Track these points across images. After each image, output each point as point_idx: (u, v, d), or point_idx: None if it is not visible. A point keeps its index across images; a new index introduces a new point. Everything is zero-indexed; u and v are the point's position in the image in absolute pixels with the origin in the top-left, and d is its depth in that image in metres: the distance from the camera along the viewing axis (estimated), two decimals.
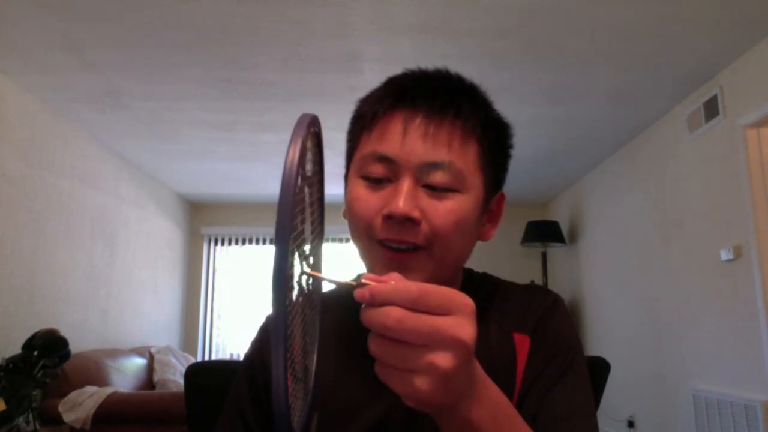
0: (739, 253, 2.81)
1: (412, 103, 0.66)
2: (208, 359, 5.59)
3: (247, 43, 2.68)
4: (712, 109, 3.02)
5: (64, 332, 2.71)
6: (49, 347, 2.57)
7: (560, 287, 5.32)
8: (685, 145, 3.33)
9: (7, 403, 2.35)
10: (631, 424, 3.96)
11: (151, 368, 4.12)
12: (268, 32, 2.58)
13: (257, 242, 5.94)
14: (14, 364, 2.47)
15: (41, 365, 2.52)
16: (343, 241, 5.69)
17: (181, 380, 3.99)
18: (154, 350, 4.31)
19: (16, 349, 2.58)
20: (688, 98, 3.27)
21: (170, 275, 5.37)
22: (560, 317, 0.73)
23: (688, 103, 3.27)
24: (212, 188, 5.39)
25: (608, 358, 1.01)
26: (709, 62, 2.88)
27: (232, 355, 5.84)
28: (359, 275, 0.46)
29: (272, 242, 0.39)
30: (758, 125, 2.75)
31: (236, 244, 5.98)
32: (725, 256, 2.90)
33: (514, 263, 5.62)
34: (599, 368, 0.93)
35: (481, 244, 0.73)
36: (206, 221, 5.94)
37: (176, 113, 3.55)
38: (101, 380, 3.32)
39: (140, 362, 4.02)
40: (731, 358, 2.90)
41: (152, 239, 4.97)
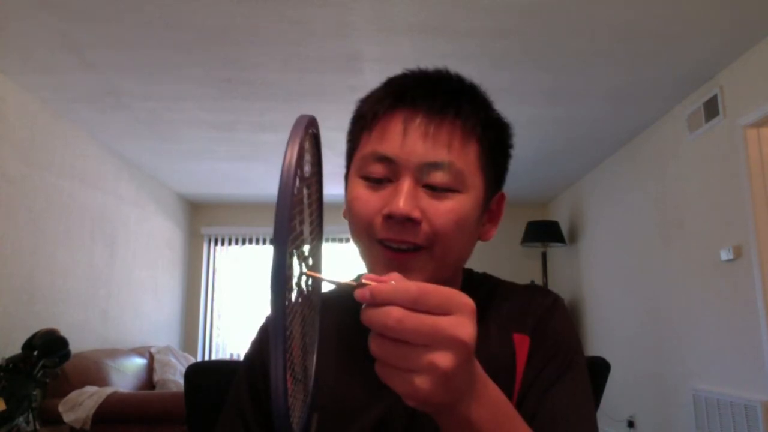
0: (739, 253, 2.81)
1: (412, 103, 0.66)
2: (208, 359, 5.59)
3: (247, 43, 2.68)
4: (712, 109, 3.02)
5: (64, 332, 2.71)
6: (49, 347, 2.56)
7: (560, 287, 5.32)
8: (685, 145, 3.32)
9: (7, 403, 2.35)
10: (631, 424, 3.96)
11: (151, 368, 4.12)
12: (268, 32, 2.58)
13: (257, 242, 5.94)
14: (14, 364, 2.47)
15: (41, 365, 2.52)
16: (343, 241, 5.68)
17: (181, 380, 3.99)
18: (154, 350, 4.30)
19: (16, 349, 2.58)
20: (688, 98, 3.27)
21: (170, 275, 5.37)
22: (560, 317, 0.73)
23: (688, 103, 3.27)
24: (212, 188, 5.38)
25: (608, 358, 1.01)
26: (709, 62, 2.88)
27: (232, 355, 5.84)
28: (359, 275, 0.46)
29: (272, 242, 0.39)
30: (758, 125, 2.75)
31: (236, 244, 5.98)
32: (725, 256, 2.90)
33: (514, 263, 5.62)
34: (599, 368, 0.93)
35: (481, 244, 0.73)
36: (206, 221, 5.94)
37: (176, 113, 3.55)
38: (101, 380, 3.32)
39: (140, 362, 4.01)
40: (731, 358, 2.89)
41: (152, 239, 4.97)
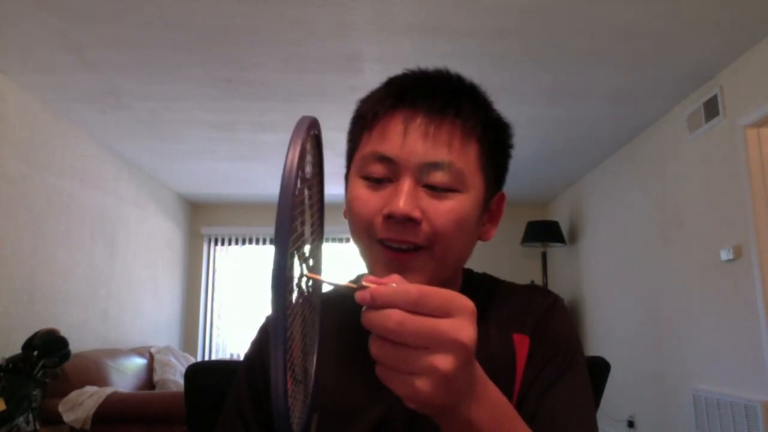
0: (739, 253, 2.81)
1: (412, 103, 0.66)
2: (208, 359, 5.59)
3: (247, 43, 2.68)
4: (712, 109, 3.02)
5: (64, 332, 2.70)
6: (49, 347, 2.56)
7: (560, 287, 5.32)
8: (685, 145, 3.32)
9: (7, 403, 2.35)
10: (631, 424, 3.96)
11: (151, 368, 4.12)
12: (268, 32, 2.58)
13: (257, 242, 5.94)
14: (14, 364, 2.47)
15: (41, 365, 2.52)
16: (343, 241, 5.68)
17: (181, 380, 3.99)
18: (154, 350, 4.30)
19: (16, 349, 2.58)
20: (688, 98, 3.27)
21: (170, 275, 5.37)
22: (560, 317, 0.73)
23: (688, 103, 3.27)
24: (212, 188, 5.38)
25: (608, 358, 1.01)
26: (709, 62, 2.88)
27: (232, 355, 5.84)
28: (359, 276, 0.46)
29: (272, 243, 0.39)
30: (758, 125, 2.75)
31: (236, 244, 5.98)
32: (725, 256, 2.90)
33: (514, 263, 5.62)
34: (599, 368, 0.93)
35: (481, 244, 0.73)
36: (206, 221, 5.94)
37: (176, 113, 3.55)
38: (101, 380, 3.32)
39: (140, 362, 4.01)
40: (731, 358, 2.89)
41: (152, 239, 4.97)
